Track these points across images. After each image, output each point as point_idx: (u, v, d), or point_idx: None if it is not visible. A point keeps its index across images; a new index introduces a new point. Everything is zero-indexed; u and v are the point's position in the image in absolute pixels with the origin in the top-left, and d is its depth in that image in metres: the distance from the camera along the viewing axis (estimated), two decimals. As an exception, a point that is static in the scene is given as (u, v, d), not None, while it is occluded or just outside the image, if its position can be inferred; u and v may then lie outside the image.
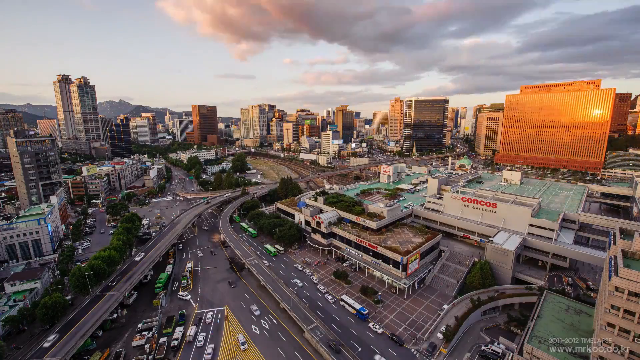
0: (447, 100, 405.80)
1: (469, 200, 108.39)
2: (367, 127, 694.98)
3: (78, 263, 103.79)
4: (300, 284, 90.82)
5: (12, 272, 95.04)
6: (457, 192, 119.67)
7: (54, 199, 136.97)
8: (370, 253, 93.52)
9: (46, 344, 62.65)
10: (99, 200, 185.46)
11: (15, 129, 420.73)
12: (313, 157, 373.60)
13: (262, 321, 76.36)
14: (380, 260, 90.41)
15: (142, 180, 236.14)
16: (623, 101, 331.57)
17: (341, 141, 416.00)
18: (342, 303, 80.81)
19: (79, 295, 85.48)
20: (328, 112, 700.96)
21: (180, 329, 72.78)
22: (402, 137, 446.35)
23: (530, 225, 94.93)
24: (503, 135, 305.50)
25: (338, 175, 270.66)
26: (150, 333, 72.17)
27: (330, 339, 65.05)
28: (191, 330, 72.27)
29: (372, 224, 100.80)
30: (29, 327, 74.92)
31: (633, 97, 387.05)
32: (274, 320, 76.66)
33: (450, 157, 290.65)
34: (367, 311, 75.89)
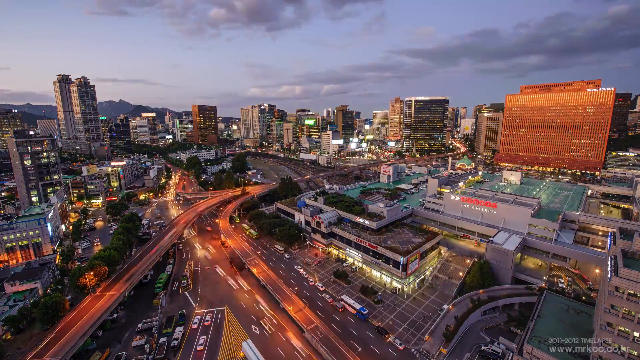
0: (447, 100, 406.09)
1: (469, 200, 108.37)
2: (367, 127, 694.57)
3: (78, 263, 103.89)
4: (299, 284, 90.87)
5: (12, 272, 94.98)
6: (457, 192, 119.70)
7: (54, 199, 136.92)
8: (370, 253, 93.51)
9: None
10: (99, 201, 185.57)
11: (15, 128, 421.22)
12: (313, 157, 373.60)
13: (262, 321, 76.36)
14: (380, 260, 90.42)
15: (142, 180, 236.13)
16: (623, 101, 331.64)
17: (341, 141, 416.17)
18: (342, 303, 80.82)
19: (79, 295, 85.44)
20: (328, 112, 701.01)
21: (180, 329, 72.78)
22: (402, 137, 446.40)
23: (530, 225, 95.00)
24: (503, 135, 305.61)
25: (338, 175, 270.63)
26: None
27: None
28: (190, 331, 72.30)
29: (372, 224, 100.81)
30: (29, 327, 74.86)
31: (633, 97, 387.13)
32: (274, 320, 76.68)
33: (450, 157, 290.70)
34: (367, 311, 75.90)
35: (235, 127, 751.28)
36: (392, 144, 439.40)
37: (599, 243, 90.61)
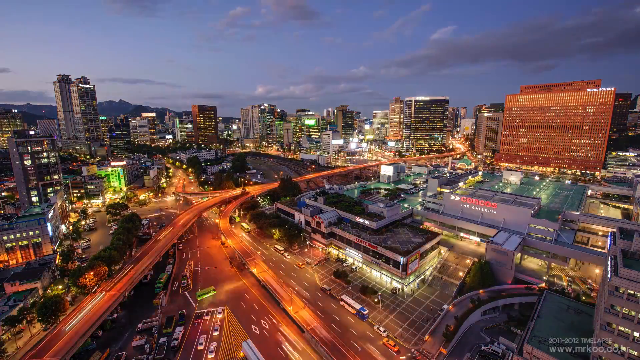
0: (447, 100, 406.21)
1: (469, 200, 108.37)
2: (367, 127, 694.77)
3: (78, 263, 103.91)
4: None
5: (12, 272, 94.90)
6: (457, 192, 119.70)
7: (54, 199, 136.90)
8: (370, 253, 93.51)
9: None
10: (99, 201, 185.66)
11: (15, 128, 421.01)
12: (313, 157, 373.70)
13: (262, 321, 76.40)
14: (380, 260, 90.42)
15: (142, 180, 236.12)
16: (623, 101, 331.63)
17: (341, 141, 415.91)
18: (342, 303, 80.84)
19: (79, 295, 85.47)
20: (328, 112, 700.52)
21: (180, 329, 72.77)
22: (402, 137, 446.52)
23: (531, 225, 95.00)
24: (503, 136, 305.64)
25: (338, 175, 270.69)
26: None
27: None
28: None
29: (372, 224, 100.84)
30: (29, 327, 74.87)
31: (633, 96, 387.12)
32: (274, 320, 76.69)
33: (450, 157, 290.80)
34: (367, 311, 75.90)
35: (235, 127, 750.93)
36: (392, 144, 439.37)
37: (599, 243, 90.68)
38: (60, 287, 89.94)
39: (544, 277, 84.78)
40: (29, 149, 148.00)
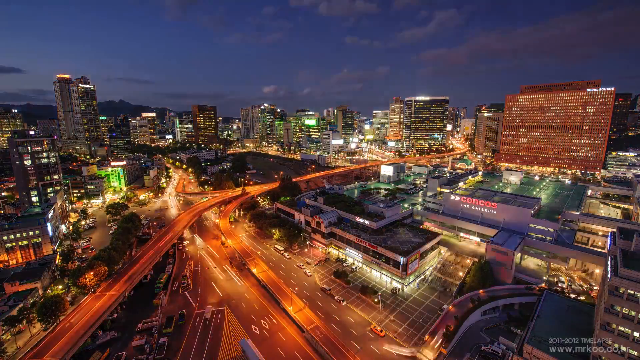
0: (447, 100, 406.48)
1: (469, 200, 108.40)
2: (367, 127, 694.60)
3: (78, 263, 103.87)
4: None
5: (12, 272, 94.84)
6: (457, 192, 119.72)
7: (54, 199, 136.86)
8: (370, 253, 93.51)
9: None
10: (99, 201, 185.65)
11: (15, 128, 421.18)
12: (313, 157, 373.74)
13: (262, 321, 76.41)
14: (381, 260, 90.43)
15: (142, 180, 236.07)
16: (623, 101, 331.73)
17: (341, 141, 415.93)
18: (344, 303, 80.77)
19: (79, 295, 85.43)
20: (328, 112, 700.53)
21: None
22: (402, 137, 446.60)
23: (531, 225, 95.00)
24: (503, 135, 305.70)
25: (338, 175, 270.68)
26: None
27: None
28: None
29: (372, 224, 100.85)
30: (29, 327, 74.84)
31: (633, 96, 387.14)
32: (274, 320, 76.70)
33: (450, 157, 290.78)
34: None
35: (235, 127, 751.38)
36: (392, 144, 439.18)
37: (599, 243, 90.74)
38: (60, 287, 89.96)
39: (544, 277, 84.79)
40: (29, 149, 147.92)
